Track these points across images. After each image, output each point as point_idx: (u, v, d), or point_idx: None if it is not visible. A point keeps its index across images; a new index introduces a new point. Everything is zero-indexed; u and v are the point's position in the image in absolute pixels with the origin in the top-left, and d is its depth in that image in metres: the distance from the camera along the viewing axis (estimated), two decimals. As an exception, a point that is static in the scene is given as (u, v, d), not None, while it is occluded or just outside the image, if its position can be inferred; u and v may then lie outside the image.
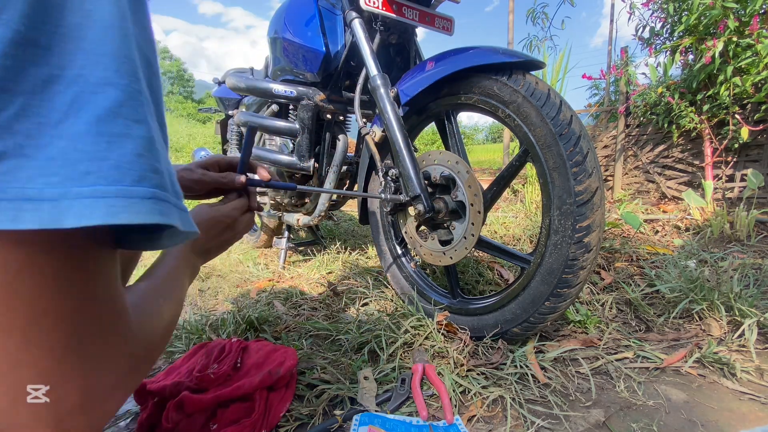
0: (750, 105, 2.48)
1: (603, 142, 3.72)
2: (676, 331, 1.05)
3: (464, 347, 0.94)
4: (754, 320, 0.97)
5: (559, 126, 0.81)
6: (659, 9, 2.93)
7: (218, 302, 1.42)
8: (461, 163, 0.97)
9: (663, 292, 1.19)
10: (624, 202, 2.98)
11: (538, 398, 0.78)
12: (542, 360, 0.90)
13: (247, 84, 1.51)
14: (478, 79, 0.93)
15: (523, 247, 1.76)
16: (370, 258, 1.76)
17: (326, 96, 1.40)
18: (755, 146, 2.54)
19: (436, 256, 1.05)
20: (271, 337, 1.10)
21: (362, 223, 1.42)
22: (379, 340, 0.96)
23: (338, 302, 1.33)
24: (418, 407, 0.74)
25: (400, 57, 1.35)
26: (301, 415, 0.75)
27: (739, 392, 0.79)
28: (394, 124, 1.01)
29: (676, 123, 2.84)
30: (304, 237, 2.57)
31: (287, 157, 1.50)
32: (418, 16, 1.19)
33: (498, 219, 2.30)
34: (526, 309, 0.89)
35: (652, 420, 0.71)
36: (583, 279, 0.83)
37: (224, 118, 2.35)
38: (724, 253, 1.57)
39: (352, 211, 3.51)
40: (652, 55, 2.99)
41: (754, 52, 2.23)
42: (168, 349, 1.04)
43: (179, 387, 0.75)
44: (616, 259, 1.60)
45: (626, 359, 0.92)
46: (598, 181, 0.80)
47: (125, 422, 0.78)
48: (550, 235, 0.84)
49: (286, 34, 1.38)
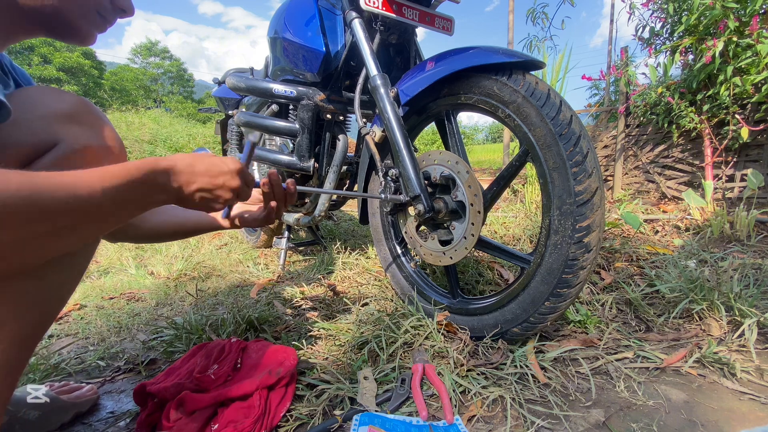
0: (750, 105, 2.48)
1: (603, 142, 3.72)
2: (676, 331, 1.05)
3: (464, 347, 0.94)
4: (754, 320, 0.97)
5: (559, 126, 0.81)
6: (659, 9, 2.93)
7: (218, 302, 1.42)
8: (461, 163, 0.97)
9: (663, 292, 1.19)
10: (624, 202, 2.98)
11: (538, 398, 0.78)
12: (542, 360, 0.90)
13: (247, 84, 1.51)
14: (478, 79, 0.93)
15: (523, 247, 1.76)
16: (370, 258, 1.76)
17: (326, 96, 1.40)
18: (755, 146, 2.54)
19: (436, 256, 1.05)
20: (271, 337, 1.10)
21: (362, 223, 1.42)
22: (379, 340, 0.96)
23: (338, 302, 1.33)
24: (418, 407, 0.74)
25: (400, 57, 1.35)
26: (301, 415, 0.75)
27: (739, 392, 0.79)
28: (394, 124, 1.01)
29: (676, 123, 2.84)
30: (304, 237, 2.57)
31: (287, 157, 1.50)
32: (418, 16, 1.19)
33: (498, 219, 2.30)
34: (526, 309, 0.89)
35: (652, 420, 0.71)
36: (583, 279, 0.83)
37: (224, 118, 2.35)
38: (724, 253, 1.57)
39: (352, 211, 3.51)
40: (652, 55, 2.98)
41: (754, 52, 2.23)
42: (168, 349, 1.05)
43: (179, 388, 0.75)
44: (616, 259, 1.60)
45: (626, 359, 0.92)
46: (598, 181, 0.80)
47: (125, 422, 0.78)
48: (550, 235, 0.84)
49: (286, 34, 1.38)
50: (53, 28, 0.60)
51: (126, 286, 1.70)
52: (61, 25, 0.59)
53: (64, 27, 0.60)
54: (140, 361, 1.01)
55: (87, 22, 0.61)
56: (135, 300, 1.54)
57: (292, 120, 1.53)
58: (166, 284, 1.69)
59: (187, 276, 1.82)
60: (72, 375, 0.98)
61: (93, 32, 0.63)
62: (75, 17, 0.59)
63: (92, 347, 1.12)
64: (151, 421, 0.73)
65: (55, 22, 0.58)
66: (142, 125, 8.09)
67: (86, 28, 0.61)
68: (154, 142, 7.42)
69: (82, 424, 0.78)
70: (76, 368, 1.00)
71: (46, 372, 0.96)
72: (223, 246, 2.47)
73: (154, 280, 1.77)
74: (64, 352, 1.09)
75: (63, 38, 0.62)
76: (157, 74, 38.28)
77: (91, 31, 0.62)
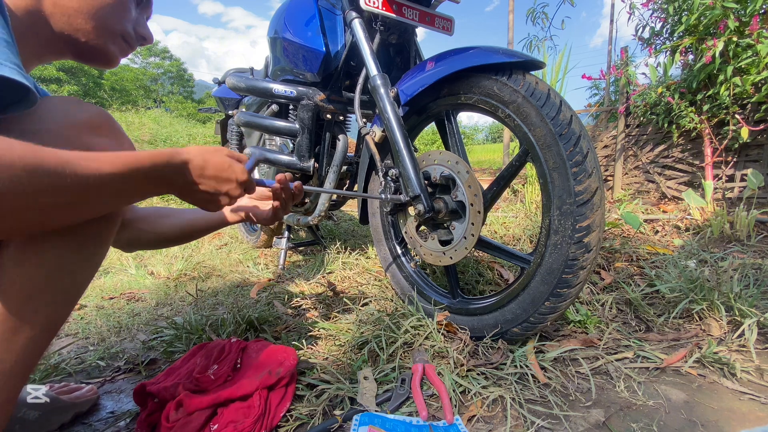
0: (750, 105, 2.48)
1: (603, 142, 3.72)
2: (676, 331, 1.05)
3: (464, 347, 0.94)
4: (754, 320, 0.97)
5: (559, 126, 0.81)
6: (659, 9, 2.93)
7: (218, 302, 1.42)
8: (461, 163, 0.97)
9: (663, 292, 1.19)
10: (624, 202, 2.98)
11: (538, 398, 0.78)
12: (542, 360, 0.90)
13: (247, 84, 1.51)
14: (478, 79, 0.93)
15: (523, 247, 1.76)
16: (370, 258, 1.76)
17: (326, 96, 1.40)
18: (755, 146, 2.54)
19: (436, 256, 1.05)
20: (271, 337, 1.10)
21: (362, 223, 1.42)
22: (379, 340, 0.96)
23: (338, 302, 1.33)
24: (418, 407, 0.74)
25: (400, 57, 1.35)
26: (301, 415, 0.75)
27: (739, 392, 0.79)
28: (394, 124, 1.01)
29: (676, 123, 2.84)
30: (304, 237, 2.57)
31: (287, 157, 1.50)
32: (418, 16, 1.19)
33: (498, 219, 2.30)
34: (526, 309, 0.89)
35: (652, 420, 0.71)
36: (583, 279, 0.83)
37: (224, 118, 2.35)
38: (724, 253, 1.57)
39: (352, 211, 3.51)
40: (652, 55, 2.99)
41: (754, 52, 2.23)
42: (168, 349, 1.04)
43: (179, 388, 0.75)
44: (616, 259, 1.60)
45: (626, 359, 0.92)
46: (598, 181, 0.80)
47: (125, 422, 0.78)
48: (550, 235, 0.84)
49: (286, 34, 1.38)
50: (82, 53, 0.64)
51: (126, 286, 1.70)
52: (90, 51, 0.64)
53: (93, 52, 0.64)
54: (140, 361, 1.01)
55: (115, 48, 0.66)
56: (135, 300, 1.54)
57: (292, 120, 1.53)
58: (166, 284, 1.69)
59: (187, 276, 1.82)
60: (72, 375, 0.98)
61: (118, 57, 0.68)
62: (105, 43, 0.64)
63: (92, 347, 1.12)
64: (151, 421, 0.73)
65: (85, 48, 0.63)
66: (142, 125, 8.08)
67: (113, 53, 0.66)
68: (154, 142, 7.42)
69: (82, 424, 0.78)
70: (76, 368, 1.00)
71: (46, 372, 0.96)
72: (223, 246, 2.47)
73: (154, 280, 1.77)
74: (64, 352, 1.09)
75: (90, 62, 0.66)
76: (157, 74, 38.25)
77: (117, 55, 0.67)
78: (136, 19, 0.68)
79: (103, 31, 0.62)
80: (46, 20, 0.57)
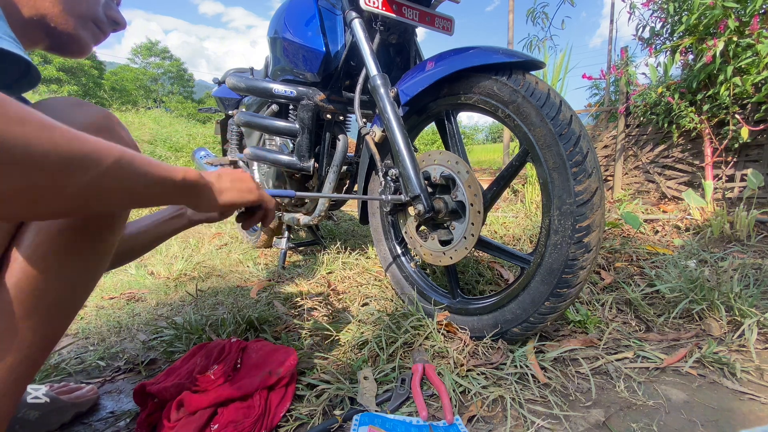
0: (750, 105, 2.48)
1: (603, 142, 3.72)
2: (676, 331, 1.05)
3: (464, 347, 0.94)
4: (754, 320, 0.97)
5: (559, 126, 0.81)
6: (659, 9, 2.93)
7: (218, 302, 1.42)
8: (461, 163, 0.97)
9: (663, 292, 1.19)
10: (624, 202, 2.98)
11: (538, 398, 0.78)
12: (542, 360, 0.90)
13: (247, 84, 1.51)
14: (478, 79, 0.93)
15: (523, 247, 1.76)
16: (370, 258, 1.76)
17: (326, 96, 1.40)
18: (755, 146, 2.54)
19: (436, 256, 1.05)
20: (271, 337, 1.10)
21: (362, 223, 1.42)
22: (379, 340, 0.96)
23: (338, 302, 1.33)
24: (418, 407, 0.74)
25: (400, 57, 1.35)
26: (301, 415, 0.75)
27: (739, 392, 0.79)
28: (394, 124, 1.01)
29: (676, 123, 2.84)
30: (304, 237, 2.57)
31: (287, 157, 1.50)
32: (418, 16, 1.19)
33: (498, 219, 2.30)
34: (526, 309, 0.89)
35: (652, 420, 0.71)
36: (583, 279, 0.83)
37: (224, 118, 2.35)
38: (724, 253, 1.57)
39: (352, 211, 3.51)
40: (652, 55, 2.98)
41: (754, 52, 2.23)
42: (168, 349, 1.05)
43: (179, 388, 0.75)
44: (616, 259, 1.60)
45: (626, 359, 0.92)
46: (598, 181, 0.80)
47: (125, 422, 0.78)
48: (550, 235, 0.84)
49: (286, 34, 1.38)
50: (54, 40, 0.63)
51: (126, 286, 1.70)
52: (60, 37, 0.63)
53: (64, 39, 0.64)
54: (140, 361, 1.01)
55: (86, 33, 0.65)
56: (135, 300, 1.54)
57: (292, 120, 1.53)
58: (166, 284, 1.69)
59: (187, 276, 1.82)
60: (72, 375, 0.98)
61: (90, 44, 0.67)
62: (75, 29, 0.63)
63: (92, 347, 1.12)
64: (151, 421, 0.73)
65: (55, 34, 0.62)
66: (142, 125, 8.08)
67: (85, 39, 0.66)
68: (154, 142, 7.40)
69: (82, 424, 0.78)
70: (76, 368, 1.00)
71: (46, 372, 0.96)
72: (223, 246, 2.46)
73: (154, 280, 1.77)
74: (64, 352, 1.09)
75: (63, 51, 0.66)
76: (157, 74, 38.27)
77: (89, 42, 0.67)
78: (106, 3, 0.67)
79: (72, 15, 0.62)
80: (14, 5, 0.57)
